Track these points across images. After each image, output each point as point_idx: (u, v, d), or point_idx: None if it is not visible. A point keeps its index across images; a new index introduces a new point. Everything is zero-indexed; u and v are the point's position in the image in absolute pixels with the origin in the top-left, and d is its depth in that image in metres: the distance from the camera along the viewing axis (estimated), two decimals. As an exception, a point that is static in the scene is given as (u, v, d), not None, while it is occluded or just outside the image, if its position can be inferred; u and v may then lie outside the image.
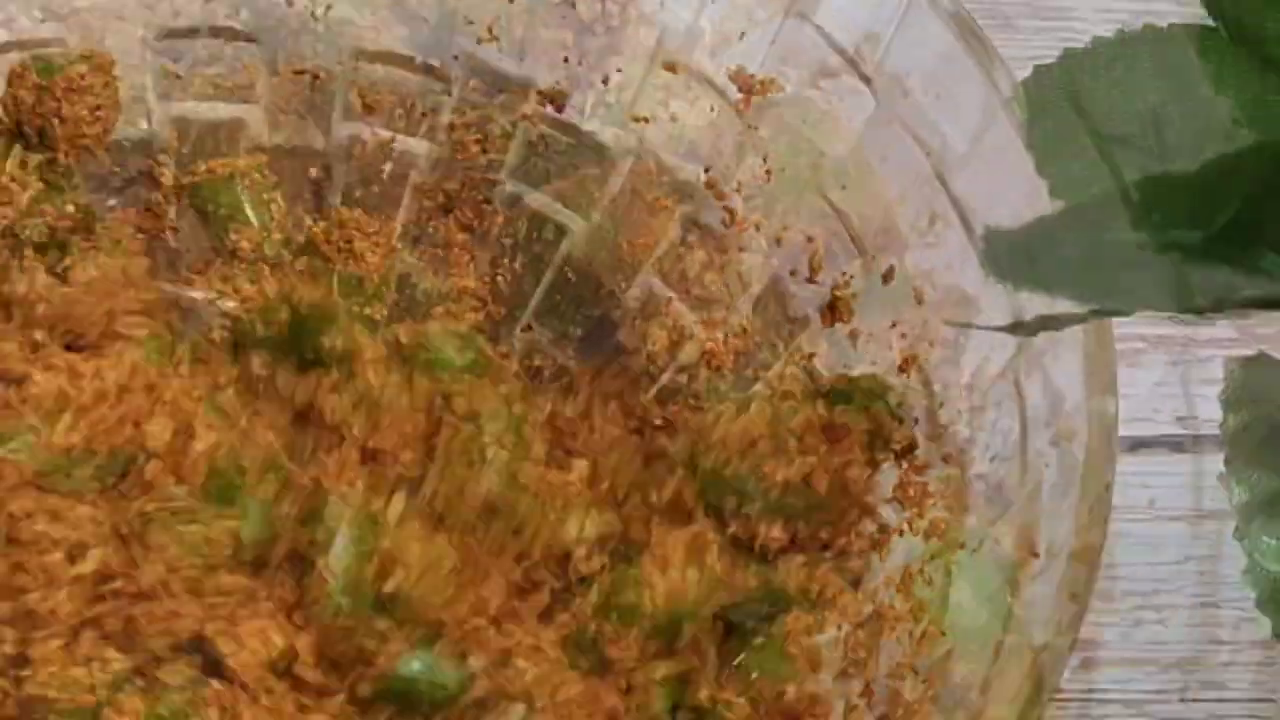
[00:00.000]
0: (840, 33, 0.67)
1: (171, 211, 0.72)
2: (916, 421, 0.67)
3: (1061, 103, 0.51)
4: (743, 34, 0.69)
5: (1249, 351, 0.55)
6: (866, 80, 0.67)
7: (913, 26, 0.66)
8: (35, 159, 0.70)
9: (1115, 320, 0.58)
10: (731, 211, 0.71)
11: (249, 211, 0.71)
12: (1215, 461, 0.54)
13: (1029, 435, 0.62)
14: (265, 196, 0.71)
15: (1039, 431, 0.61)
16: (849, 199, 0.69)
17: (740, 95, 0.70)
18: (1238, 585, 0.53)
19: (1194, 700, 0.70)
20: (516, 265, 0.74)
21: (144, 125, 0.73)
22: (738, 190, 0.71)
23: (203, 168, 0.72)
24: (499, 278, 0.73)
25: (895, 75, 0.67)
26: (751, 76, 0.69)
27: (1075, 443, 0.59)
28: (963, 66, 0.64)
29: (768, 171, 0.70)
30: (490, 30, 0.72)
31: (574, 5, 0.72)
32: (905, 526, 0.66)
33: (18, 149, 0.70)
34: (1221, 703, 0.70)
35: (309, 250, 0.71)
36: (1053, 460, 0.60)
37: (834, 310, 0.70)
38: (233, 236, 0.71)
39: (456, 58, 0.73)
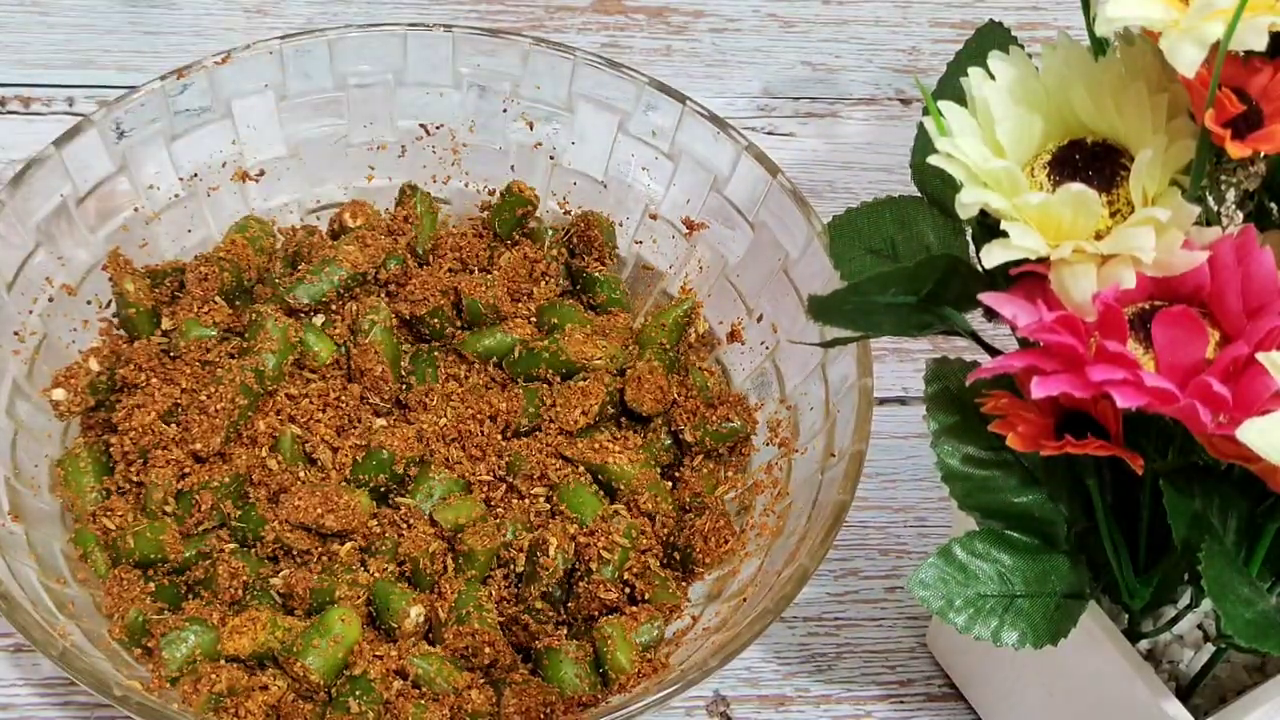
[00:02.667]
0: (737, 200, 0.69)
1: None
2: (777, 485, 0.65)
3: (847, 233, 0.54)
4: (689, 200, 0.72)
5: (937, 354, 0.55)
6: (751, 225, 0.69)
7: (772, 197, 0.68)
8: None
9: (874, 340, 0.63)
10: (683, 288, 0.72)
11: None
12: (919, 410, 0.53)
13: (830, 396, 0.64)
14: None
15: (835, 394, 0.63)
16: (739, 280, 0.70)
17: (686, 230, 0.72)
18: (932, 474, 0.53)
19: (907, 526, 0.71)
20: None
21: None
22: (686, 276, 0.72)
23: None
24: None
25: (763, 221, 0.69)
26: (692, 220, 0.72)
27: (851, 399, 0.61)
28: (797, 215, 0.67)
29: (700, 267, 0.72)
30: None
31: (605, 186, 0.73)
32: (769, 444, 0.67)
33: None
34: (927, 525, 0.71)
35: None
36: (843, 408, 0.62)
37: (734, 335, 0.71)
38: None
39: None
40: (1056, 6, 0.96)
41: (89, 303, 0.68)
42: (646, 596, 0.62)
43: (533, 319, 0.70)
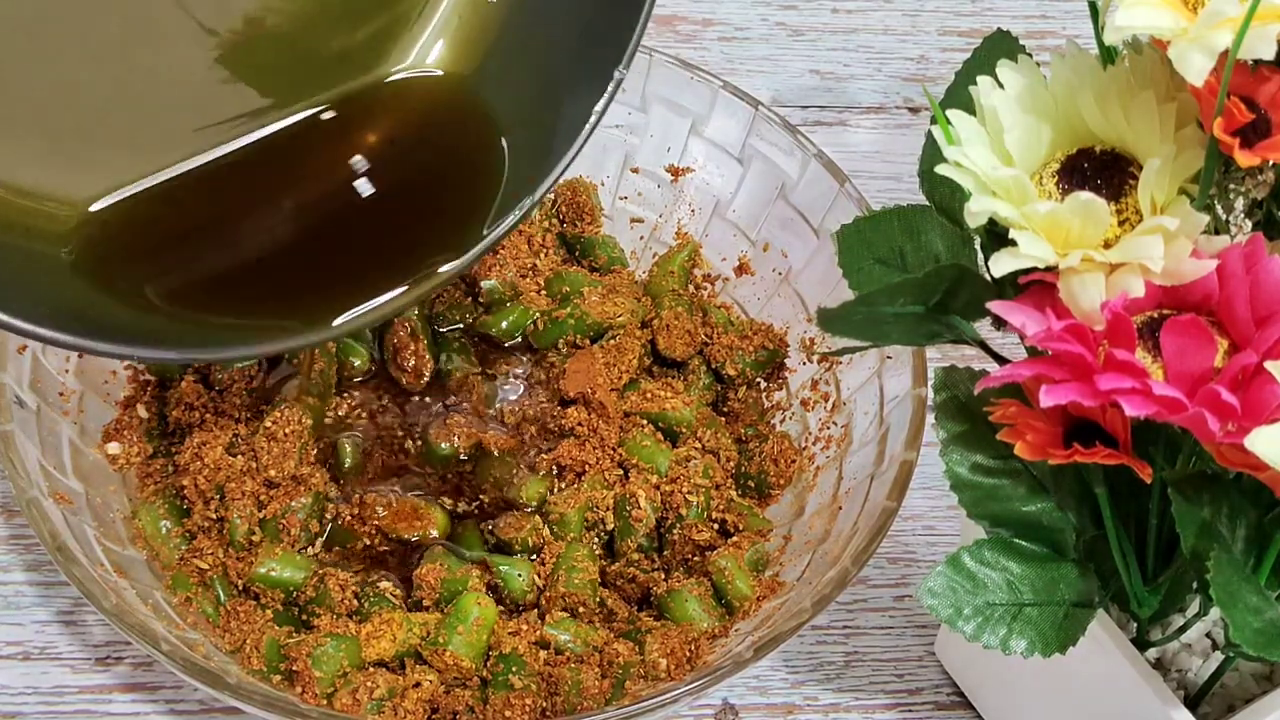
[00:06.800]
0: (725, 140, 0.72)
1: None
2: (828, 400, 0.68)
3: (856, 242, 0.54)
4: (669, 148, 0.73)
5: (946, 363, 0.53)
6: (739, 161, 0.71)
7: (759, 125, 0.70)
8: None
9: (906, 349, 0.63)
10: (679, 233, 0.74)
11: None
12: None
13: (884, 403, 0.64)
14: None
15: (889, 402, 0.64)
16: (735, 216, 0.73)
17: (672, 177, 0.74)
18: (940, 481, 0.52)
19: (916, 534, 0.71)
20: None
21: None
22: (678, 223, 0.74)
23: None
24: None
25: (756, 153, 0.71)
26: (677, 166, 0.74)
27: (904, 407, 0.62)
28: (786, 138, 0.70)
29: (691, 210, 0.74)
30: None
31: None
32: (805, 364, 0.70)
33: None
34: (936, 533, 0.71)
35: None
36: (896, 415, 0.63)
37: (742, 269, 0.73)
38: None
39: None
40: (1065, 15, 0.96)
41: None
42: (740, 527, 0.65)
43: (542, 291, 0.71)
